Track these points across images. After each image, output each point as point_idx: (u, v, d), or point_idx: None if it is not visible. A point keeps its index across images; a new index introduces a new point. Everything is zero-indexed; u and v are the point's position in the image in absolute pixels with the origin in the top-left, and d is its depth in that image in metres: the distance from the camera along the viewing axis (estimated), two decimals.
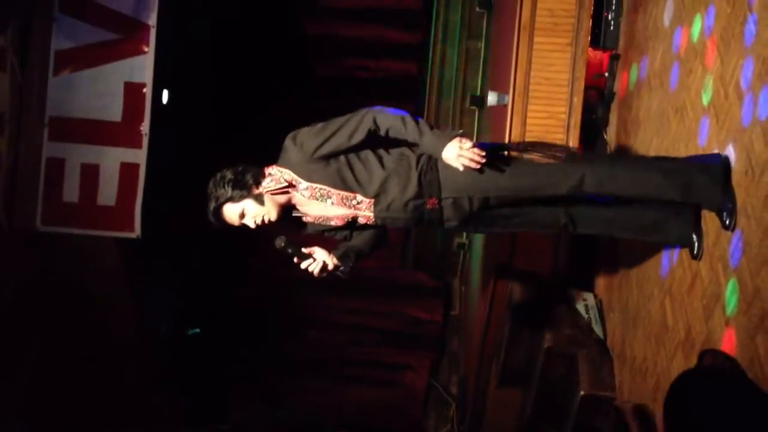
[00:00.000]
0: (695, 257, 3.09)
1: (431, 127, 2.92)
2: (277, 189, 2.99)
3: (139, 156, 5.26)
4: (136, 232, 5.23)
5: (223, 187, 2.97)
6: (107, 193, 5.22)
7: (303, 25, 7.13)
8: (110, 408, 5.73)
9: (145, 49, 5.37)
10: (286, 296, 6.76)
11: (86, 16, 5.33)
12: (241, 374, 6.99)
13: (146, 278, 5.94)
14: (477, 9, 6.44)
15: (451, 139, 2.89)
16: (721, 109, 3.06)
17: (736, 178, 2.87)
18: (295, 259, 2.98)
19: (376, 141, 2.96)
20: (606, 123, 4.48)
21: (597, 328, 4.10)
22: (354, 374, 7.30)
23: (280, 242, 2.93)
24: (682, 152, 3.39)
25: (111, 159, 5.25)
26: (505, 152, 3.07)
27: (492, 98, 4.96)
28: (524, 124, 4.49)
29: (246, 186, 2.98)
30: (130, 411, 5.98)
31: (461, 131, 2.99)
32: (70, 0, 5.34)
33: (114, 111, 5.30)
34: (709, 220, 3.03)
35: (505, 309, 4.56)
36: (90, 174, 5.24)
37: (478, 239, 6.25)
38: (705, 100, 3.22)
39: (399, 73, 7.31)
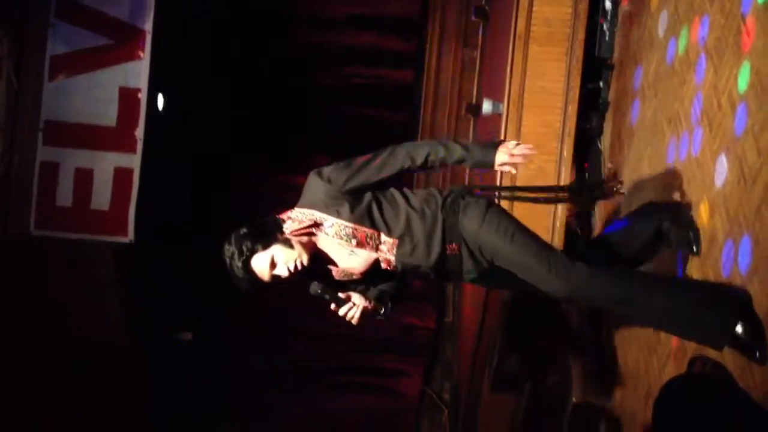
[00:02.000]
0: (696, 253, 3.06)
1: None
2: (302, 229, 2.78)
3: (133, 161, 5.26)
4: (129, 236, 5.24)
5: (244, 242, 2.73)
6: (101, 197, 5.22)
7: (299, 32, 7.15)
8: (98, 416, 5.71)
9: (141, 55, 5.39)
10: (279, 307, 6.75)
11: (82, 21, 5.34)
12: (230, 388, 6.96)
13: (139, 283, 5.92)
14: (472, 18, 6.47)
15: (497, 146, 2.87)
16: (714, 119, 3.07)
17: (728, 188, 2.88)
18: (333, 306, 2.77)
19: (402, 180, 2.88)
20: (600, 132, 4.50)
21: (590, 333, 4.11)
22: (347, 381, 7.29)
23: (315, 288, 2.73)
24: (676, 162, 3.40)
25: (105, 164, 5.26)
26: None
27: (487, 106, 4.97)
28: (519, 132, 4.50)
29: (269, 233, 2.76)
30: (118, 420, 5.96)
31: (500, 140, 2.95)
32: (66, 6, 5.35)
33: (109, 116, 5.31)
34: (703, 236, 3.04)
35: (498, 315, 4.56)
36: (84, 178, 5.24)
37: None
38: (698, 109, 3.23)
39: (395, 81, 7.33)
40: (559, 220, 4.37)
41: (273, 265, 2.75)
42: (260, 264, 2.76)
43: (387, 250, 2.85)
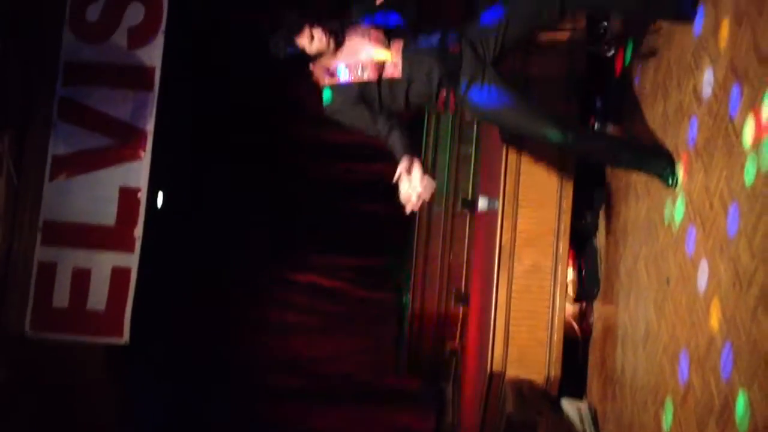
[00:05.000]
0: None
1: None
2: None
3: (131, 260, 5.27)
4: (125, 338, 5.19)
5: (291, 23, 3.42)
6: (97, 298, 5.21)
7: (297, 128, 7.27)
8: None
9: (142, 154, 5.46)
10: (271, 407, 6.65)
11: (84, 122, 5.44)
12: None
13: (132, 386, 5.84)
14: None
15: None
16: (707, 220, 3.09)
17: (723, 289, 2.87)
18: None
19: None
20: (595, 229, 4.52)
21: None
22: None
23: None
24: (670, 262, 3.40)
25: (103, 263, 5.27)
26: None
27: (483, 203, 5.01)
28: (515, 229, 4.52)
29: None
30: None
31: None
32: (69, 107, 5.46)
33: (108, 215, 5.35)
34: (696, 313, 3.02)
35: (497, 417, 4.48)
36: (81, 279, 5.24)
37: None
38: (691, 209, 3.25)
39: (391, 176, 7.39)
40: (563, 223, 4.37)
41: (312, 37, 3.39)
42: (303, 38, 3.40)
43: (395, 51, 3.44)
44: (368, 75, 3.47)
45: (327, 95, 3.56)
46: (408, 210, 3.35)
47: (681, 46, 3.51)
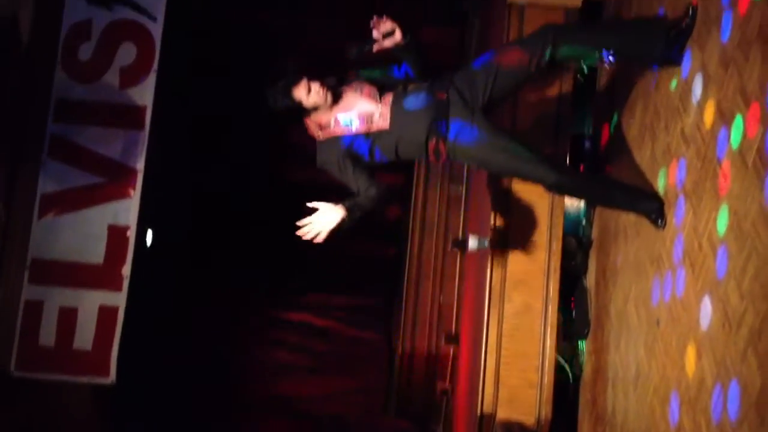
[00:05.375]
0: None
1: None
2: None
3: (119, 299, 5.23)
4: (111, 377, 5.13)
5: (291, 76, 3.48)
6: (84, 337, 5.15)
7: (289, 171, 7.29)
8: None
9: (131, 193, 5.44)
10: None
11: (74, 160, 5.43)
12: None
13: (119, 426, 5.77)
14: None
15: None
16: (696, 261, 3.09)
17: (713, 331, 2.86)
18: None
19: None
20: (585, 269, 4.51)
21: None
22: None
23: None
24: (660, 303, 3.40)
25: (90, 302, 5.22)
26: None
27: (473, 243, 5.00)
28: (505, 269, 4.52)
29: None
30: None
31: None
32: (59, 145, 5.45)
33: (96, 253, 5.32)
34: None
35: None
36: (68, 317, 5.19)
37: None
38: (680, 250, 3.26)
39: (382, 216, 7.41)
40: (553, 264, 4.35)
41: (309, 90, 3.45)
42: (300, 90, 3.47)
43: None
44: (358, 128, 3.51)
45: (320, 149, 3.59)
46: (302, 233, 3.37)
47: (668, 89, 3.55)
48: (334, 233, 3.36)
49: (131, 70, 5.48)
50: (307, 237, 3.35)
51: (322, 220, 3.35)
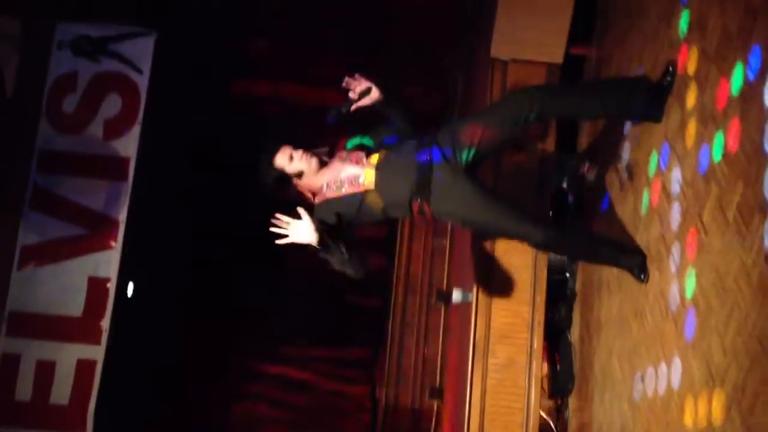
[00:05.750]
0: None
1: None
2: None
3: (97, 353, 5.16)
4: None
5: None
6: (61, 391, 5.07)
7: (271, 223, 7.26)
8: None
9: (113, 244, 5.41)
10: None
11: (56, 212, 5.40)
12: None
13: None
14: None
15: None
16: (679, 317, 3.09)
17: (696, 386, 2.85)
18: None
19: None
20: (570, 323, 4.50)
21: None
22: None
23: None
24: (643, 357, 3.38)
25: (67, 355, 5.15)
26: None
27: (457, 296, 4.99)
28: (489, 323, 4.49)
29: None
30: None
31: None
32: (41, 196, 5.43)
33: (75, 306, 5.26)
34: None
35: None
36: (45, 371, 5.11)
37: None
38: (663, 306, 3.25)
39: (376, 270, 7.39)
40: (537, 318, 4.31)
41: (291, 158, 3.49)
42: (281, 158, 3.51)
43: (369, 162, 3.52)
44: (347, 190, 3.52)
45: (316, 210, 3.59)
46: (275, 225, 3.37)
47: (649, 144, 3.59)
48: (297, 246, 3.38)
49: (116, 121, 5.49)
50: (274, 230, 3.35)
51: (296, 230, 3.34)
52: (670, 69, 3.38)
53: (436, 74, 6.88)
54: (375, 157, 3.55)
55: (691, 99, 3.19)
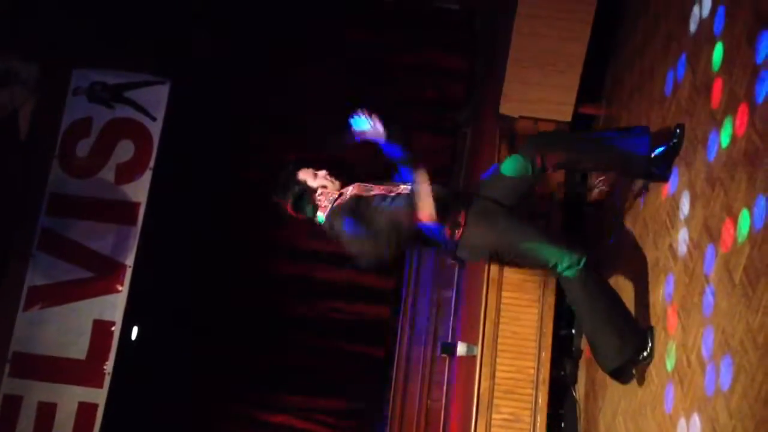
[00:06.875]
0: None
1: None
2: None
3: (99, 396, 5.14)
4: None
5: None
6: None
7: (279, 264, 7.27)
8: None
9: (119, 288, 5.43)
10: None
11: (64, 254, 5.43)
12: None
13: None
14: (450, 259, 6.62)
15: None
16: (685, 377, 3.07)
17: None
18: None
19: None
20: (575, 380, 4.47)
21: None
22: None
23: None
24: (648, 417, 3.36)
25: (69, 398, 5.14)
26: None
27: (462, 348, 4.98)
28: (493, 376, 4.47)
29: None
30: None
31: None
32: (50, 238, 5.46)
33: (79, 349, 5.26)
34: None
35: None
36: (46, 413, 5.09)
37: None
38: (669, 365, 3.24)
39: (372, 317, 7.37)
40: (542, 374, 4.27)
41: (315, 175, 3.56)
42: (305, 173, 3.58)
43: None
44: (373, 192, 3.54)
45: (321, 218, 3.60)
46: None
47: (656, 205, 3.61)
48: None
49: (128, 167, 5.55)
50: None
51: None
52: (678, 130, 3.41)
53: (446, 127, 6.95)
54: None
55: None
